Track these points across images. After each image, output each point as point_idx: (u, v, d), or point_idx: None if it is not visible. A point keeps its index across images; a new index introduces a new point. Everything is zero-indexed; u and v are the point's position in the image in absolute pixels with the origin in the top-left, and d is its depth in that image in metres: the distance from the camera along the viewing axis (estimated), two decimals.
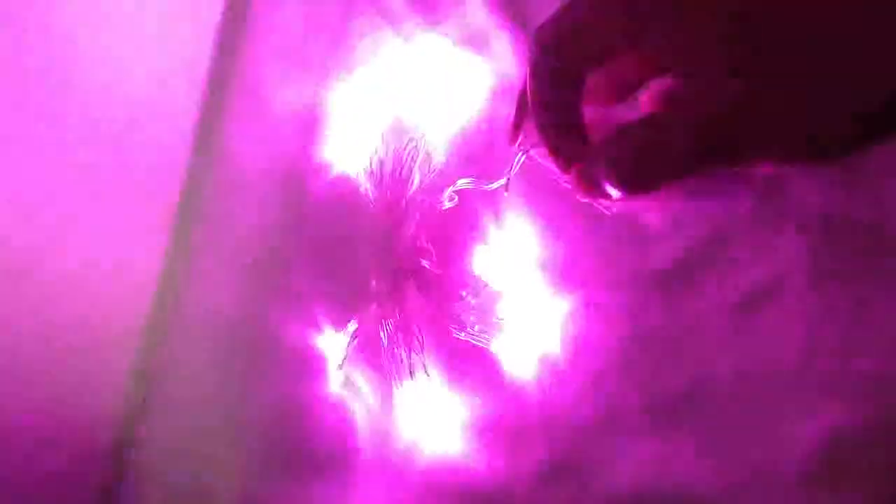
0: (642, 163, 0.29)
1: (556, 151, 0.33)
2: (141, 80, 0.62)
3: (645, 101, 0.37)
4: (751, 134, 0.26)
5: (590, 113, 0.34)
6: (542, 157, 0.40)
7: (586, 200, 0.35)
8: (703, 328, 0.49)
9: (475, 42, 0.57)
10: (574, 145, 0.33)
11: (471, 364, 0.55)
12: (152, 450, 0.68)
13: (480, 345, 0.54)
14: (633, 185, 0.30)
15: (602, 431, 0.51)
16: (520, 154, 0.41)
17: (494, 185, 0.48)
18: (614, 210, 0.36)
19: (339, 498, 0.58)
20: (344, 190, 0.61)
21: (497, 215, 0.55)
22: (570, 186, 0.37)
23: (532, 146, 0.40)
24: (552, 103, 0.32)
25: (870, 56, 0.24)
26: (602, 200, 0.35)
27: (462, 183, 0.52)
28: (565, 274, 0.53)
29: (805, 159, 0.27)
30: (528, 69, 0.32)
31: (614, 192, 0.31)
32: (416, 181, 0.57)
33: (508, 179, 0.43)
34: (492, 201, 0.54)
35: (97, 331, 0.65)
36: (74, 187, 0.60)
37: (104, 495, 0.69)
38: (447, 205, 0.54)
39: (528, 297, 0.53)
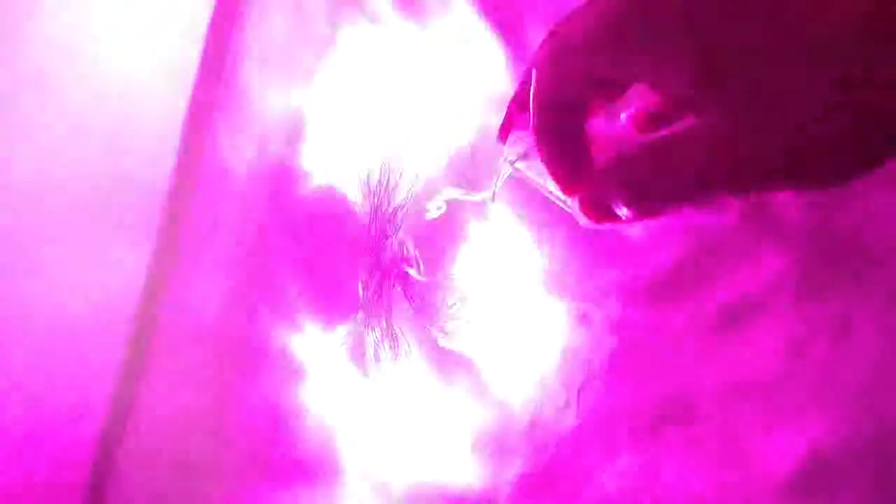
0: (655, 188, 0.29)
1: (559, 175, 0.33)
2: (127, 82, 0.61)
3: (627, 118, 0.37)
4: (761, 160, 0.26)
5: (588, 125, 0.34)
6: (527, 170, 0.40)
7: (589, 225, 0.35)
8: (687, 340, 0.49)
9: (463, 48, 0.57)
10: (577, 168, 0.33)
11: (456, 372, 0.55)
12: (137, 451, 0.68)
13: (466, 353, 0.54)
14: (645, 209, 0.29)
15: (585, 441, 0.51)
16: (505, 166, 0.40)
17: (479, 197, 0.48)
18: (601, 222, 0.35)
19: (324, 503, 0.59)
20: (331, 196, 0.61)
21: (484, 224, 0.55)
22: (561, 203, 0.37)
23: (519, 158, 0.40)
24: (555, 129, 0.32)
25: (857, 59, 0.24)
26: (606, 223, 0.35)
27: (448, 193, 0.52)
28: (552, 284, 0.53)
29: (821, 181, 0.26)
30: (532, 97, 0.32)
31: (623, 214, 0.31)
32: (403, 188, 0.57)
33: (494, 192, 0.43)
34: (479, 210, 0.54)
35: (83, 332, 0.64)
36: (61, 189, 0.60)
37: (88, 496, 0.68)
38: (434, 214, 0.53)
39: (514, 308, 0.53)
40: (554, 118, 0.32)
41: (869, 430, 0.44)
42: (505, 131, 0.39)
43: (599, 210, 0.32)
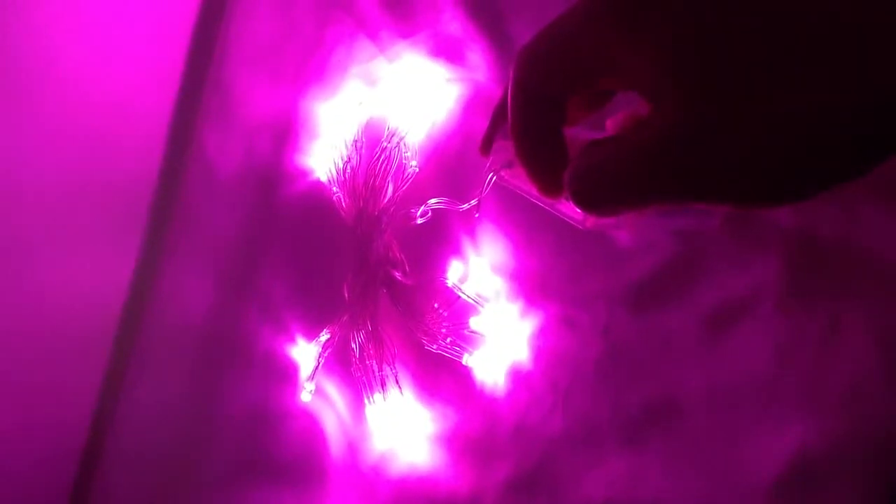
0: (594, 184, 0.28)
1: (536, 177, 0.33)
2: (114, 84, 0.61)
3: (610, 124, 0.36)
4: (701, 165, 0.24)
5: (570, 133, 0.33)
6: (512, 178, 0.39)
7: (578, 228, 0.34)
8: (674, 344, 0.49)
9: (450, 52, 0.56)
10: (555, 171, 0.32)
11: (442, 376, 0.55)
12: (122, 453, 0.68)
13: (452, 357, 0.54)
14: (588, 205, 0.29)
15: (572, 445, 0.51)
16: (491, 174, 0.40)
17: (465, 207, 0.47)
18: (588, 226, 0.35)
19: None
20: (317, 198, 0.61)
21: (471, 228, 0.55)
22: (547, 208, 0.37)
23: (503, 166, 0.39)
24: (533, 130, 0.32)
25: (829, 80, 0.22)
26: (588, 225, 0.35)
27: (433, 203, 0.52)
28: (538, 288, 0.53)
29: (765, 202, 0.25)
30: (509, 93, 0.31)
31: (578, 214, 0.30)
32: (390, 191, 0.57)
33: (480, 200, 0.42)
34: (466, 214, 0.54)
35: (69, 334, 0.64)
36: (48, 192, 0.59)
37: (73, 496, 0.68)
38: (419, 220, 0.53)
39: (500, 311, 0.53)
40: (530, 117, 0.31)
41: (855, 433, 0.44)
42: (488, 139, 0.39)
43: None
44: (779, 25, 0.23)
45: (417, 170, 0.56)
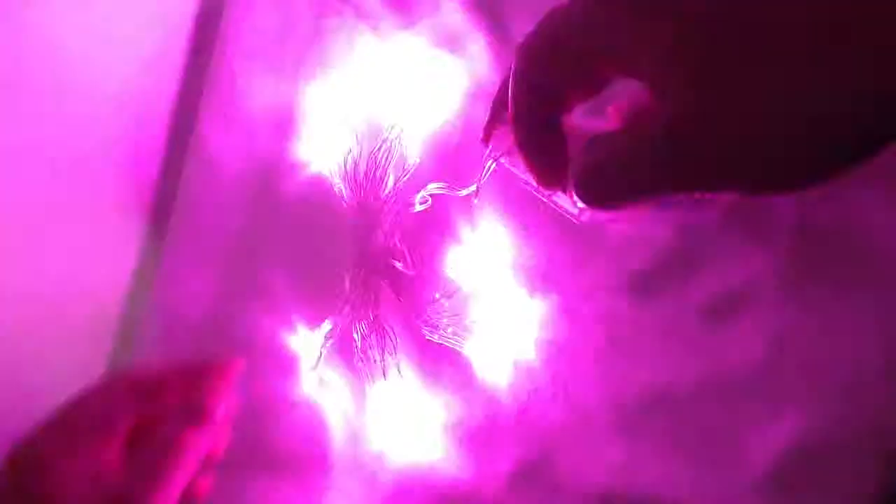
0: (602, 180, 0.28)
1: (534, 168, 0.33)
2: (114, 78, 0.61)
3: (612, 112, 0.36)
4: (709, 155, 0.25)
5: (569, 122, 0.33)
6: (511, 166, 0.40)
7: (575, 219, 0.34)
8: (672, 335, 0.49)
9: (450, 43, 0.57)
10: (554, 162, 0.32)
11: (443, 366, 0.55)
12: None
13: (453, 347, 0.54)
14: (596, 201, 0.29)
15: (572, 434, 0.51)
16: (490, 161, 0.40)
17: (464, 192, 0.48)
18: (584, 219, 0.35)
19: (312, 498, 0.59)
20: (318, 190, 0.61)
21: (471, 218, 0.55)
22: (540, 197, 0.37)
23: (503, 154, 0.40)
24: (533, 119, 0.32)
25: (836, 67, 0.22)
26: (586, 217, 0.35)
27: (433, 188, 0.52)
28: (538, 278, 0.53)
29: (771, 189, 0.25)
30: (510, 84, 0.31)
31: (579, 208, 0.30)
32: (391, 182, 0.57)
33: (478, 187, 0.43)
34: (466, 204, 0.54)
35: (70, 328, 0.64)
36: (49, 186, 0.59)
37: None
38: (418, 208, 0.53)
39: (501, 301, 0.53)
40: (531, 108, 0.31)
41: (855, 422, 0.45)
42: (489, 130, 0.39)
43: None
44: (783, 19, 0.23)
45: (418, 161, 0.57)
